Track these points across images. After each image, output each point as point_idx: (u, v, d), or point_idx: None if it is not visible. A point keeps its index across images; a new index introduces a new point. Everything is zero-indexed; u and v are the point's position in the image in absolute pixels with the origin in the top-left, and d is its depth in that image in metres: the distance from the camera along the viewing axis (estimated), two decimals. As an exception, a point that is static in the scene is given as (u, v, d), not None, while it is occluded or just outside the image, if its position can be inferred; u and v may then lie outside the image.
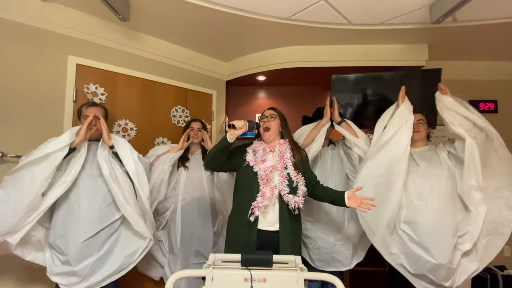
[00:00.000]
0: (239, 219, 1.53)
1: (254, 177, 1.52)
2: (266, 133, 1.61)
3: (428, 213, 1.64)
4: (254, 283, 1.17)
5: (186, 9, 1.95)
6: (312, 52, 2.58)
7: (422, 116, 1.89)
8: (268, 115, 1.65)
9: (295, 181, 1.53)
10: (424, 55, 2.50)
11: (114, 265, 1.64)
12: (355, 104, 2.57)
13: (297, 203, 1.49)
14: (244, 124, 1.49)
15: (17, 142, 1.73)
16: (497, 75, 2.94)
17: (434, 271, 1.60)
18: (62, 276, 1.56)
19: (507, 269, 2.65)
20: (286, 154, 1.57)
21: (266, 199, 1.47)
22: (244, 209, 1.50)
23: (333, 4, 1.90)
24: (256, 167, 1.52)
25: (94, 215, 1.59)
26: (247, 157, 1.57)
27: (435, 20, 1.90)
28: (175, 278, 1.18)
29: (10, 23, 1.74)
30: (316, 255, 1.95)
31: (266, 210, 1.50)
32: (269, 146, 1.61)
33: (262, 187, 1.50)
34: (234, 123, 1.46)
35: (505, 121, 2.93)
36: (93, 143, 1.73)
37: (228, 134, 1.48)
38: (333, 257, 1.91)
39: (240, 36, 2.41)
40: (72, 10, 1.96)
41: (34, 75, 1.81)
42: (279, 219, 1.50)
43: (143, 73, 2.35)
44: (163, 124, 2.44)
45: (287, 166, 1.55)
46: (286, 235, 1.49)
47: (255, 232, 1.49)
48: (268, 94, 3.37)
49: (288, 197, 1.49)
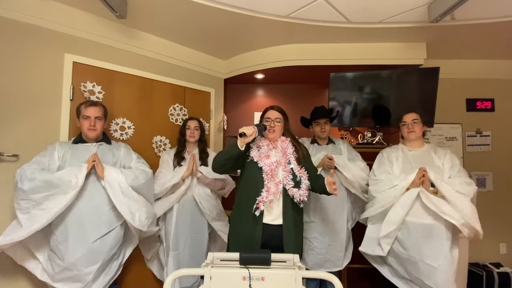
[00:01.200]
0: (244, 214, 1.54)
1: (259, 173, 1.54)
2: (271, 134, 1.62)
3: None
4: (252, 281, 1.18)
5: (184, 6, 1.93)
6: (311, 50, 2.58)
7: (416, 116, 1.86)
8: (273, 118, 1.64)
9: (298, 176, 1.57)
10: (422, 53, 2.50)
11: (117, 270, 1.69)
12: (353, 102, 2.58)
13: (302, 196, 1.53)
14: (254, 130, 1.49)
15: (14, 141, 1.72)
16: (495, 74, 2.95)
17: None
18: (66, 283, 1.56)
19: (502, 266, 2.67)
20: (288, 150, 1.61)
21: (271, 194, 1.49)
22: (249, 204, 1.52)
23: (332, 2, 1.90)
24: (261, 163, 1.54)
25: (98, 218, 1.61)
26: (251, 153, 1.58)
27: (433, 19, 1.90)
28: (174, 277, 1.18)
29: (6, 20, 1.72)
30: (310, 256, 1.98)
31: (271, 204, 1.53)
32: (272, 143, 1.64)
33: (267, 182, 1.52)
34: (245, 131, 1.45)
35: (502, 119, 2.95)
36: (91, 145, 1.73)
37: (239, 142, 1.48)
38: (326, 258, 1.95)
39: (238, 34, 2.40)
40: (68, 8, 1.94)
41: (30, 73, 1.79)
42: (282, 212, 1.53)
43: (141, 71, 2.33)
44: (161, 123, 2.43)
45: (290, 161, 1.59)
46: (290, 229, 1.52)
47: (260, 226, 1.51)
48: (266, 92, 3.37)
49: (293, 191, 1.52)
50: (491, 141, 2.93)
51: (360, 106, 2.59)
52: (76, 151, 1.68)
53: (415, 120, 1.85)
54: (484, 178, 2.91)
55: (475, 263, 2.70)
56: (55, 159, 1.62)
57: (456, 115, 2.95)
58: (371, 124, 2.63)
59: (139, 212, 1.67)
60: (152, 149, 2.37)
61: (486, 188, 2.90)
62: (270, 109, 1.69)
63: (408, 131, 1.86)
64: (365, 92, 2.57)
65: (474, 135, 2.95)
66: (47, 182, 1.48)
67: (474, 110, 2.96)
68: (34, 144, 1.76)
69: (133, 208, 1.65)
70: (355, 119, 2.63)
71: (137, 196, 1.70)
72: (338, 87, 2.58)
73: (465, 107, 2.97)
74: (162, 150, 2.40)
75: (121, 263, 1.77)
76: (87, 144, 1.73)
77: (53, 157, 1.62)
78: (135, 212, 1.65)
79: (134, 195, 1.68)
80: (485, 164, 2.92)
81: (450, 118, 2.94)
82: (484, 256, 2.73)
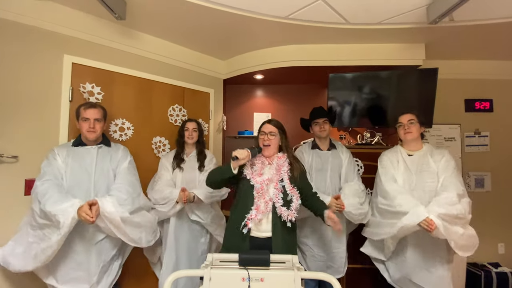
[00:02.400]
0: (233, 227, 1.55)
1: (251, 190, 1.53)
2: (266, 148, 1.62)
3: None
4: (251, 282, 1.18)
5: (183, 7, 1.93)
6: (310, 51, 2.58)
7: (412, 116, 1.84)
8: (268, 132, 1.62)
9: (290, 195, 1.55)
10: (421, 54, 2.51)
11: (118, 271, 1.71)
12: (352, 102, 2.59)
13: (290, 216, 1.50)
14: (248, 154, 1.50)
15: (13, 142, 1.71)
16: (493, 74, 2.96)
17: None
18: (72, 284, 1.57)
19: (501, 266, 2.69)
20: (283, 168, 1.58)
21: (260, 213, 1.48)
22: (238, 219, 1.52)
23: (331, 4, 1.90)
24: (253, 180, 1.53)
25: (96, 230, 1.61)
26: (245, 170, 1.58)
27: (432, 21, 1.90)
28: (173, 278, 1.19)
29: (5, 21, 1.72)
30: (312, 262, 1.99)
31: (260, 221, 1.51)
32: (268, 159, 1.63)
33: (257, 200, 1.50)
34: (237, 155, 1.47)
35: (501, 120, 2.96)
36: (91, 148, 1.72)
37: (232, 164, 1.50)
38: (328, 264, 1.96)
39: (237, 35, 2.40)
40: (67, 9, 1.93)
41: (29, 74, 1.79)
42: (272, 229, 1.51)
43: (140, 72, 2.33)
44: (160, 123, 2.44)
45: (283, 179, 1.56)
46: (278, 246, 1.49)
47: (247, 239, 1.51)
48: (265, 93, 3.37)
49: (281, 210, 1.50)
50: (489, 141, 2.94)
51: (359, 106, 2.60)
52: (77, 154, 1.68)
53: (411, 121, 1.83)
54: (483, 178, 2.92)
55: (473, 263, 2.72)
56: (60, 164, 1.63)
57: (455, 116, 2.96)
58: (370, 124, 2.64)
59: (145, 233, 1.70)
60: (152, 150, 2.37)
61: (484, 188, 2.91)
62: (266, 123, 1.68)
63: (404, 132, 1.84)
64: (364, 92, 2.58)
65: (473, 135, 2.96)
66: (43, 213, 1.47)
67: (473, 111, 2.97)
68: (33, 145, 1.76)
69: (136, 235, 1.65)
70: (354, 119, 2.64)
71: (138, 218, 1.68)
72: (337, 87, 2.58)
73: (463, 107, 2.98)
74: (162, 151, 2.41)
75: (121, 264, 1.78)
76: (88, 147, 1.73)
77: (57, 163, 1.62)
78: (140, 235, 1.67)
79: (135, 220, 1.65)
80: (483, 165, 2.93)
81: (449, 118, 2.95)
82: (483, 256, 2.74)
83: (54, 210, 1.43)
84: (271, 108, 3.34)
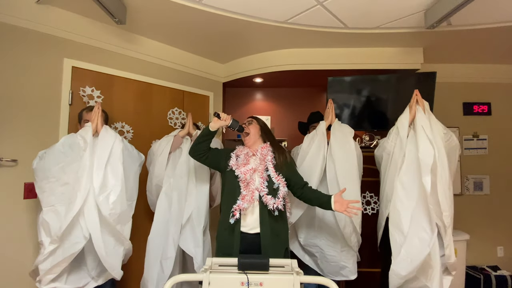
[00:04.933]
0: (224, 222, 1.56)
1: (236, 181, 1.56)
2: (245, 138, 1.72)
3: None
4: (251, 287, 1.18)
5: (183, 12, 1.95)
6: (309, 54, 2.60)
7: None
8: (246, 121, 1.75)
9: (276, 183, 1.55)
10: (419, 58, 2.53)
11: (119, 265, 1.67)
12: (351, 105, 2.60)
13: (276, 204, 1.51)
14: (228, 117, 1.60)
15: (13, 146, 1.72)
16: (491, 78, 2.98)
17: None
18: (74, 277, 1.57)
19: (500, 269, 2.69)
20: (267, 157, 1.61)
21: (246, 202, 1.50)
22: (227, 213, 1.53)
23: (329, 8, 1.91)
24: (238, 171, 1.56)
25: None
26: (230, 161, 1.61)
27: (429, 25, 1.92)
28: (173, 283, 1.19)
29: (4, 25, 1.72)
30: (324, 263, 1.91)
31: (246, 212, 1.53)
32: (252, 150, 1.66)
33: (243, 189, 1.53)
34: (220, 113, 1.59)
35: (499, 123, 2.98)
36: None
37: (212, 123, 1.58)
38: (341, 265, 1.87)
39: (237, 39, 2.41)
40: (67, 13, 1.94)
41: (29, 78, 1.80)
42: (260, 221, 1.52)
43: (139, 75, 2.34)
44: (159, 127, 2.44)
45: (268, 168, 1.58)
46: (267, 238, 1.51)
47: (237, 235, 1.51)
48: (265, 96, 3.38)
49: (266, 198, 1.51)
50: (488, 144, 2.96)
51: (358, 110, 2.61)
52: None
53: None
54: (481, 181, 2.93)
55: (472, 266, 2.72)
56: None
57: (453, 119, 2.97)
58: (369, 127, 2.65)
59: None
60: (151, 153, 2.37)
61: (483, 191, 2.92)
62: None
63: None
64: (363, 96, 2.59)
65: (471, 138, 2.97)
66: (63, 145, 1.54)
67: (471, 114, 2.99)
68: (33, 149, 1.76)
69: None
70: (353, 122, 2.65)
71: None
72: (336, 90, 2.60)
73: (462, 111, 3.00)
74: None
75: None
76: None
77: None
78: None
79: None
80: (482, 168, 2.94)
81: (447, 122, 2.93)
82: (482, 259, 2.75)
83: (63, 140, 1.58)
84: (271, 111, 3.35)
